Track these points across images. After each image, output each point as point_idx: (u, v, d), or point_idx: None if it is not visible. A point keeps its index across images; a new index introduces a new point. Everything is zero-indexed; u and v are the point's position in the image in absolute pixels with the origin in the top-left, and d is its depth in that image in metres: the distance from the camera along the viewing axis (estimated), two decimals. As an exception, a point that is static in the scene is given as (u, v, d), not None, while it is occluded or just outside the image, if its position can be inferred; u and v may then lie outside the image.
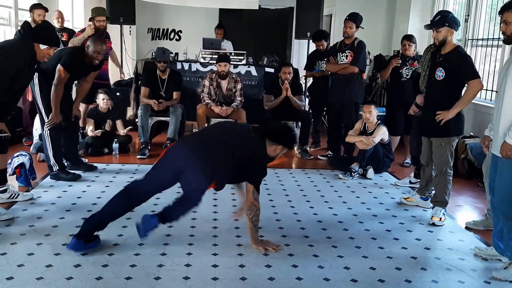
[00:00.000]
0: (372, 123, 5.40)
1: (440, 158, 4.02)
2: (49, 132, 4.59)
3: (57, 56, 4.43)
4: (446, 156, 4.00)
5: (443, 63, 3.87)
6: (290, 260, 3.18)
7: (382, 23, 9.20)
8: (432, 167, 4.23)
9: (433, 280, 3.01)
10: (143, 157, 5.70)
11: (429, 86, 4.10)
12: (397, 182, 5.20)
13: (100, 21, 5.95)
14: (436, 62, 3.94)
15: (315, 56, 6.72)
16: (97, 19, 5.95)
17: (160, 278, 2.85)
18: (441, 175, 4.06)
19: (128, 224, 3.64)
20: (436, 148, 4.04)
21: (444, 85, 3.87)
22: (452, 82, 3.84)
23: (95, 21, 5.95)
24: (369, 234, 3.72)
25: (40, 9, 6.09)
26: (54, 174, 4.69)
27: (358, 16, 5.69)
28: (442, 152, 4.00)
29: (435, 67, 3.94)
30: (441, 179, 4.06)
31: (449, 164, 4.03)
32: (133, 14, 7.62)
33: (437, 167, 4.09)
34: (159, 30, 10.34)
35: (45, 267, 2.92)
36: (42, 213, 3.81)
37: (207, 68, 7.11)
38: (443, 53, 3.90)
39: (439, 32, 3.84)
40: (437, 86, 3.93)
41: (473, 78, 3.76)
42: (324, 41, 6.60)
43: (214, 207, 4.13)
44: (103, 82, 6.12)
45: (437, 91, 3.93)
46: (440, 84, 3.89)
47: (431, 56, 4.14)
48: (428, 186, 4.39)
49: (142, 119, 5.90)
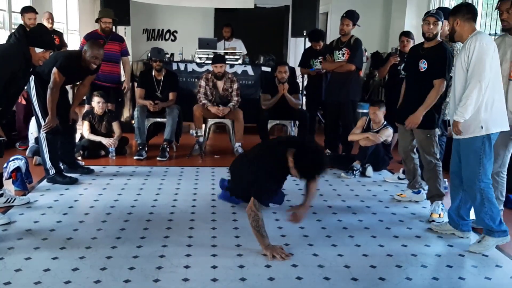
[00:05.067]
0: (379, 123, 5.37)
1: (427, 150, 4.05)
2: (45, 135, 4.55)
3: (53, 59, 4.41)
4: (432, 148, 4.04)
5: (427, 55, 3.98)
6: (290, 259, 3.15)
7: (379, 20, 9.19)
8: (412, 158, 4.30)
9: (434, 277, 2.99)
10: (140, 158, 5.67)
11: (411, 78, 4.19)
12: (386, 178, 5.23)
13: (106, 23, 5.98)
14: (419, 55, 4.05)
15: (309, 54, 6.71)
16: (103, 20, 5.98)
17: (159, 280, 2.83)
18: (430, 169, 4.08)
19: (126, 226, 3.62)
20: (421, 141, 4.09)
21: (426, 76, 3.97)
22: (433, 74, 3.94)
23: (101, 22, 5.97)
24: (368, 232, 3.71)
25: (30, 13, 6.06)
26: (51, 177, 4.66)
27: (355, 14, 5.68)
28: (428, 144, 4.04)
29: (417, 59, 4.04)
30: (431, 172, 4.08)
31: (436, 155, 4.06)
32: (127, 15, 7.58)
33: (425, 160, 4.11)
34: (154, 31, 10.30)
35: (43, 271, 2.89)
36: (39, 217, 3.78)
37: (203, 68, 7.09)
38: (427, 47, 4.02)
39: (436, 25, 3.94)
40: (419, 78, 4.02)
41: (439, 78, 3.91)
42: (321, 41, 6.60)
43: (212, 208, 4.11)
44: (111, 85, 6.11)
45: (419, 82, 4.03)
46: (423, 75, 3.99)
47: (411, 51, 4.31)
48: (416, 178, 4.41)
49: (139, 121, 5.88)
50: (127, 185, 4.68)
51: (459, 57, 3.39)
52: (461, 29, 3.40)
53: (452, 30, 3.46)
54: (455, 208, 3.64)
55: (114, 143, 5.71)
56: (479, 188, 3.34)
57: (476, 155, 3.33)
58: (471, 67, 3.26)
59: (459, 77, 3.38)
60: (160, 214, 3.92)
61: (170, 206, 4.11)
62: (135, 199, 4.29)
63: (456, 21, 3.41)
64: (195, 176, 5.09)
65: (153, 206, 4.12)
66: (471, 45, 3.27)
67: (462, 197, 3.59)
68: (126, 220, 3.76)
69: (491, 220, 3.35)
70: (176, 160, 5.81)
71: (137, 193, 4.44)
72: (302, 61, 6.85)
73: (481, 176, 3.33)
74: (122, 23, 7.56)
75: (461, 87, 3.35)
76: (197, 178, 5.00)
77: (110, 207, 4.06)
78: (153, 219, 3.81)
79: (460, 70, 3.36)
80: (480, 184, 3.34)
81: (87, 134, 5.74)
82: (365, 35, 6.55)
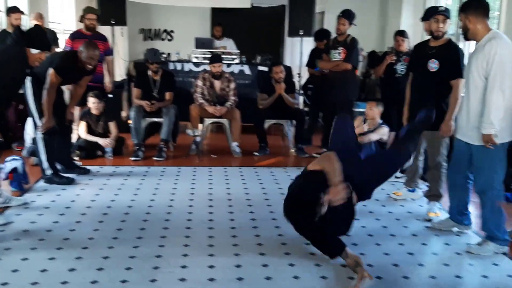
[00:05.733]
0: (373, 120, 5.34)
1: (435, 151, 4.04)
2: (42, 136, 4.55)
3: (49, 60, 4.40)
4: (442, 149, 4.02)
5: (438, 55, 3.87)
6: (287, 259, 3.16)
7: (375, 19, 9.21)
8: (418, 159, 4.29)
9: (431, 276, 3.00)
10: (137, 158, 5.67)
11: (420, 78, 4.07)
12: None
13: (91, 19, 5.96)
14: (428, 54, 3.94)
15: (316, 54, 6.71)
16: (87, 17, 5.96)
17: (156, 280, 2.83)
18: (435, 168, 4.07)
19: (123, 226, 3.62)
20: (430, 141, 4.07)
21: (437, 77, 3.88)
22: (445, 73, 3.85)
23: (86, 19, 5.94)
24: (365, 230, 3.71)
25: (17, 13, 5.98)
26: (48, 178, 4.65)
27: (351, 13, 5.68)
28: (437, 145, 4.02)
29: (426, 58, 3.93)
30: (435, 172, 4.08)
31: (444, 157, 4.05)
32: (124, 15, 7.57)
33: (431, 160, 4.11)
34: (151, 31, 10.30)
35: (39, 271, 2.89)
36: (36, 218, 3.78)
37: (200, 68, 7.08)
38: (434, 45, 3.91)
39: (446, 23, 3.86)
40: (430, 78, 3.93)
41: (456, 78, 3.81)
42: (326, 41, 6.60)
43: (209, 208, 4.11)
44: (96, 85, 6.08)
45: (431, 83, 3.93)
46: (434, 76, 3.90)
47: (417, 50, 4.18)
48: (414, 178, 4.42)
49: (135, 121, 5.86)
50: (124, 185, 4.68)
51: (474, 61, 3.23)
52: (474, 27, 3.23)
53: (465, 28, 3.30)
54: (455, 206, 3.67)
55: (110, 143, 5.71)
56: (491, 195, 3.31)
57: (491, 164, 3.28)
58: (492, 74, 3.11)
59: (475, 83, 3.24)
60: (157, 214, 3.91)
61: (167, 206, 4.11)
62: (132, 199, 4.29)
63: (467, 19, 3.24)
64: (192, 176, 5.09)
65: (150, 206, 4.11)
66: (491, 50, 3.11)
67: (460, 196, 3.62)
68: (123, 220, 3.76)
69: (497, 228, 3.34)
70: (173, 160, 5.81)
71: (134, 193, 4.44)
72: (309, 61, 6.87)
73: (495, 184, 3.30)
74: (119, 23, 7.55)
75: (479, 94, 3.22)
76: (194, 178, 5.00)
77: (107, 207, 4.06)
78: (150, 219, 3.80)
79: (476, 76, 3.22)
80: (493, 192, 3.30)
81: (83, 135, 5.73)
82: (361, 34, 6.55)
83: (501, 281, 3.00)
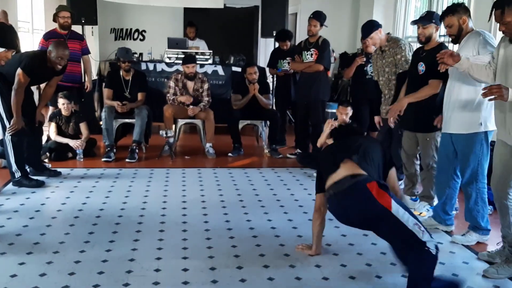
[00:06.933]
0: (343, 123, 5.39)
1: (426, 152, 4.10)
2: (10, 137, 4.44)
3: (17, 59, 4.31)
4: (431, 151, 4.08)
5: (425, 58, 3.94)
6: (262, 260, 3.16)
7: (347, 21, 9.29)
8: (413, 163, 4.32)
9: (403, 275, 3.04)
10: (108, 160, 5.59)
11: (411, 81, 4.14)
12: None
13: (64, 17, 5.85)
14: (419, 57, 4.02)
15: (277, 55, 6.74)
16: (60, 15, 5.85)
17: (129, 284, 2.80)
18: (427, 170, 4.13)
19: (95, 230, 3.57)
20: (421, 143, 4.14)
21: (424, 79, 3.95)
22: (431, 76, 3.89)
23: (59, 18, 5.83)
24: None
25: None
26: (17, 180, 4.55)
27: (322, 15, 5.73)
28: (427, 147, 4.09)
29: (417, 62, 4.02)
30: (428, 173, 4.14)
31: (434, 159, 4.08)
32: (94, 14, 7.45)
33: (423, 161, 4.18)
34: (123, 30, 10.17)
35: (9, 277, 2.82)
36: (5, 222, 3.69)
37: (172, 68, 7.03)
38: (426, 49, 3.98)
39: (425, 28, 3.91)
40: (418, 80, 4.00)
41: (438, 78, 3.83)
42: (288, 41, 6.64)
43: (183, 210, 4.09)
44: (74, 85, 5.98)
45: (418, 85, 4.00)
46: (421, 78, 3.97)
47: (414, 54, 4.23)
48: (415, 185, 4.42)
49: (107, 122, 5.78)
50: (96, 188, 4.61)
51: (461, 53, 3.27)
52: (466, 27, 3.39)
53: (460, 29, 3.43)
54: (440, 204, 3.79)
55: (81, 144, 5.61)
56: (476, 187, 3.47)
57: (476, 156, 3.42)
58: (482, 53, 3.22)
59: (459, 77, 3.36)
60: (130, 217, 3.87)
61: (139, 209, 4.07)
62: (103, 201, 4.23)
63: (462, 19, 3.38)
64: (165, 177, 5.05)
65: (122, 208, 4.06)
66: (475, 43, 3.28)
67: (448, 194, 3.72)
68: (95, 224, 3.71)
69: (481, 218, 3.51)
70: (145, 161, 5.75)
71: (105, 196, 4.38)
72: (270, 61, 6.88)
73: (479, 176, 3.45)
74: (89, 23, 7.42)
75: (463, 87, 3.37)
76: (167, 180, 4.96)
77: (78, 210, 3.99)
78: (122, 222, 3.76)
79: None
80: (478, 184, 3.46)
81: (53, 136, 5.63)
82: (333, 35, 6.62)
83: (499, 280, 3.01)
